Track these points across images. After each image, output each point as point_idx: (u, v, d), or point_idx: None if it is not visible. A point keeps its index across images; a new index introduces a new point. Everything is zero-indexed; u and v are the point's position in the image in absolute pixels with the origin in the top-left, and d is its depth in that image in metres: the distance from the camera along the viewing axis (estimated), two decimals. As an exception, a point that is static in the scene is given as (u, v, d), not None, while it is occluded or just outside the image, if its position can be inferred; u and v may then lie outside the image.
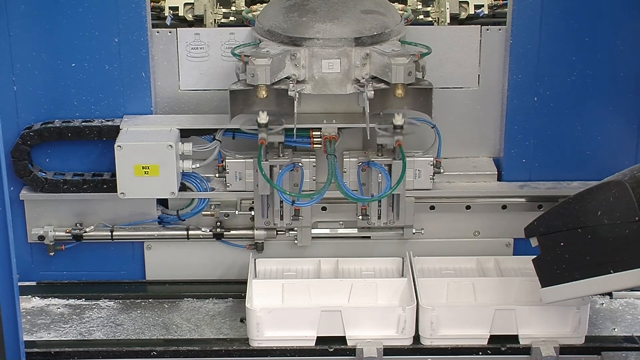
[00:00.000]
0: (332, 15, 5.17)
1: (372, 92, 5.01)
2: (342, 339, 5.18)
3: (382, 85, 5.08)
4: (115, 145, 5.22)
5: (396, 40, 5.21)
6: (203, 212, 5.61)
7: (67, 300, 5.64)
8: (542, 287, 4.96)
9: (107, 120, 5.43)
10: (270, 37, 5.21)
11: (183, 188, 5.49)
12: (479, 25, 5.52)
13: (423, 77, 5.11)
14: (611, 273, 4.73)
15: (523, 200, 5.60)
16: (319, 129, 5.36)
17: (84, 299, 5.64)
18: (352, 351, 5.15)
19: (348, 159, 5.46)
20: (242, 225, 5.66)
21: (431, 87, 5.10)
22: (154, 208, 5.60)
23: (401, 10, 5.68)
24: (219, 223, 5.63)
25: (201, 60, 5.43)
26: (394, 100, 5.10)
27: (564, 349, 5.15)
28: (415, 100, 5.14)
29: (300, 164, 5.42)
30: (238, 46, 5.25)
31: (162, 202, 5.65)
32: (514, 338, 5.20)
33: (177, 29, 5.49)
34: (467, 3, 6.26)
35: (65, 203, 5.58)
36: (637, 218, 4.59)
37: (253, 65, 4.99)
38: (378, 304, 5.31)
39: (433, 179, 5.50)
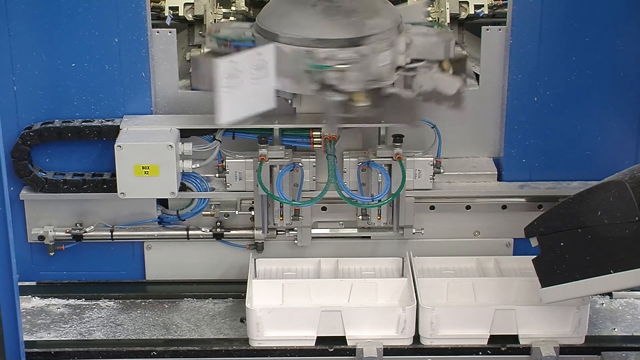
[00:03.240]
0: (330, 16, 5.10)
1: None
2: (342, 339, 5.18)
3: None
4: (115, 145, 5.23)
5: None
6: (203, 212, 5.61)
7: (67, 300, 5.64)
8: (542, 287, 4.96)
9: (107, 120, 5.43)
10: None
11: (183, 188, 5.49)
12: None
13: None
14: (611, 273, 4.73)
15: (523, 200, 5.61)
16: (319, 129, 5.36)
17: (84, 299, 5.64)
18: (352, 351, 5.15)
19: (348, 159, 5.46)
20: (242, 225, 5.66)
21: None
22: (154, 208, 5.60)
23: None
24: (219, 223, 5.63)
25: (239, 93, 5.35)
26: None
27: (564, 349, 5.16)
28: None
29: (300, 164, 5.42)
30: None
31: (162, 202, 5.65)
32: (514, 338, 5.20)
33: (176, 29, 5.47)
34: (467, 3, 6.25)
35: (65, 203, 5.58)
36: (637, 218, 4.59)
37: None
38: (378, 304, 5.31)
39: (433, 179, 5.50)
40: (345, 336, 5.17)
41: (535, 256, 4.97)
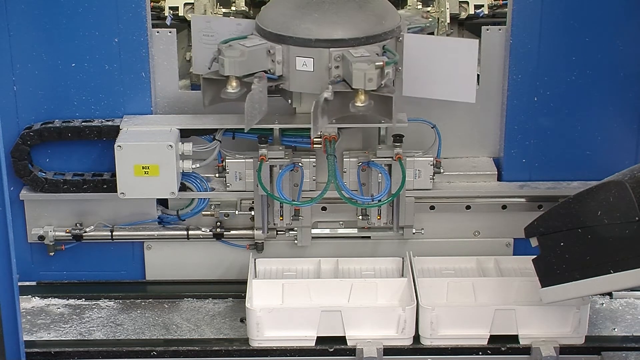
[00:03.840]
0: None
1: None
2: (342, 339, 5.18)
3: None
4: (115, 145, 5.23)
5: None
6: (203, 212, 5.61)
7: (67, 300, 5.64)
8: (542, 287, 4.96)
9: (107, 120, 5.43)
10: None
11: (183, 188, 5.49)
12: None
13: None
14: (611, 273, 4.73)
15: (523, 200, 5.61)
16: (319, 129, 5.36)
17: (84, 299, 5.64)
18: (352, 351, 5.15)
19: (348, 159, 5.46)
20: (242, 225, 5.66)
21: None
22: (154, 208, 5.60)
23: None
24: (219, 223, 5.63)
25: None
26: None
27: (564, 349, 5.16)
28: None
29: (300, 164, 5.42)
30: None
31: (162, 202, 5.65)
32: (514, 338, 5.20)
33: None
34: (467, 3, 6.27)
35: (65, 203, 5.58)
36: (637, 218, 4.59)
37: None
38: (378, 304, 5.31)
39: (433, 179, 5.50)
40: (345, 336, 5.17)
41: (535, 256, 4.97)
